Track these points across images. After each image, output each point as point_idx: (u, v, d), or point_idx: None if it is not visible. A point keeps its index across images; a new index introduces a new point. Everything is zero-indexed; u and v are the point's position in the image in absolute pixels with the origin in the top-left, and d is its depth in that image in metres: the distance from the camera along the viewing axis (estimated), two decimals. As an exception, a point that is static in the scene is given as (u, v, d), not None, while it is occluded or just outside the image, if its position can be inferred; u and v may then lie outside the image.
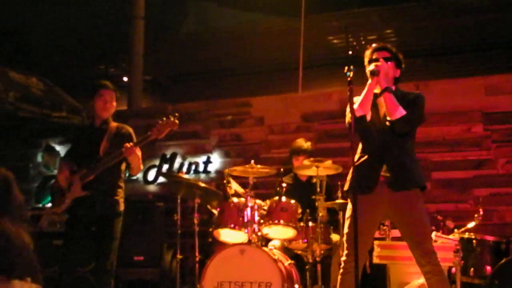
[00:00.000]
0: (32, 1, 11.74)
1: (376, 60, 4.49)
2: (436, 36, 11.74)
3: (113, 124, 5.65)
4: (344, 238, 4.54)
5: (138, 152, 5.37)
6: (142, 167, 5.67)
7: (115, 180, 5.52)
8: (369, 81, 4.42)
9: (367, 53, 4.65)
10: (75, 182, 5.41)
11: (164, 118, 5.35)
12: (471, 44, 11.58)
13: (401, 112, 4.33)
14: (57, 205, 5.54)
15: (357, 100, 4.42)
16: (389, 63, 4.50)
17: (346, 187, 4.61)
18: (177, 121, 5.34)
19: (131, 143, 5.30)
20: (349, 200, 4.53)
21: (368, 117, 4.43)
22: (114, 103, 5.66)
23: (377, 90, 4.47)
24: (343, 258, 4.48)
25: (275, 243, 6.11)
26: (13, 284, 1.91)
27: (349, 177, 4.54)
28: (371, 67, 4.45)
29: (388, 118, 4.39)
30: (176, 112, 5.49)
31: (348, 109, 4.44)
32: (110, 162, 5.35)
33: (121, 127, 5.65)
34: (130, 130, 5.65)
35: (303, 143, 6.81)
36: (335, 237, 6.20)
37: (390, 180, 4.37)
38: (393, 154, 4.40)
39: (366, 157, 4.49)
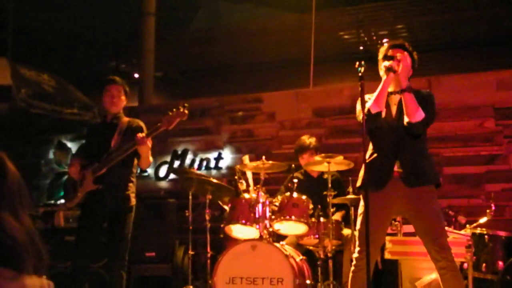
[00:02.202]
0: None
1: (391, 57, 4.40)
2: (448, 31, 11.72)
3: (125, 119, 5.68)
4: (357, 235, 4.52)
5: (149, 143, 5.39)
6: (151, 159, 5.66)
7: (126, 175, 5.56)
8: (385, 77, 4.37)
9: (382, 49, 4.58)
10: (87, 176, 5.45)
11: (174, 109, 5.36)
12: (482, 39, 11.55)
13: (420, 114, 4.25)
14: (70, 199, 5.59)
15: (368, 97, 4.38)
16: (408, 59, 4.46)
17: (358, 184, 4.60)
18: (186, 111, 5.34)
19: (143, 134, 5.34)
20: (361, 197, 4.51)
21: (383, 114, 4.39)
22: (123, 97, 5.69)
23: (390, 89, 4.44)
24: (355, 255, 4.47)
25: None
26: (24, 280, 1.86)
27: (361, 173, 4.51)
28: (385, 63, 4.37)
29: (406, 119, 4.31)
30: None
31: (358, 106, 4.41)
32: (122, 154, 5.38)
33: (132, 122, 5.69)
34: (141, 124, 5.68)
35: (306, 140, 6.75)
36: (346, 232, 6.19)
37: (404, 176, 4.35)
38: (406, 152, 4.37)
39: (378, 153, 4.46)
